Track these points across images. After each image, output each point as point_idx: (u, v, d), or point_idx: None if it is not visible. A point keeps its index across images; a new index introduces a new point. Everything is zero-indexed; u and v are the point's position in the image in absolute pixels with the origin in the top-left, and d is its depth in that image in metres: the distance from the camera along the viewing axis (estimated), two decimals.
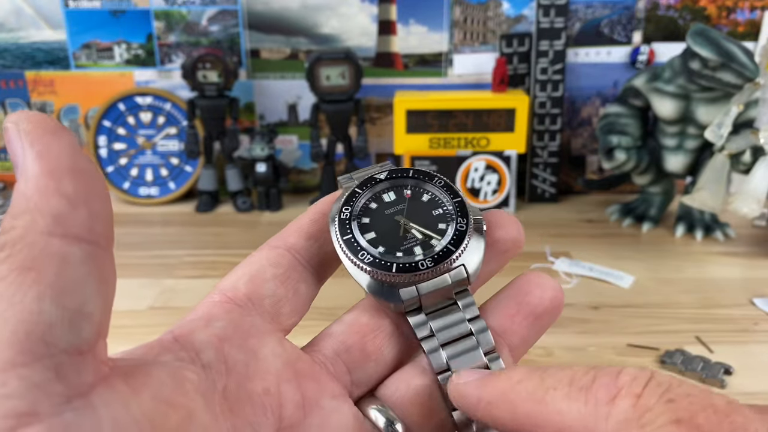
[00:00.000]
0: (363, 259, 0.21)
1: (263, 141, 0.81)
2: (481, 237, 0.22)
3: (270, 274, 0.22)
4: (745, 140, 0.65)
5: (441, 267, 0.21)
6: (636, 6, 0.82)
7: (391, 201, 0.23)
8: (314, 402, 0.20)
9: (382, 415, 0.21)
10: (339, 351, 0.22)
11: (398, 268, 0.21)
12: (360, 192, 0.23)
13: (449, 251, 0.21)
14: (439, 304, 0.22)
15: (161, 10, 0.83)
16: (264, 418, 0.19)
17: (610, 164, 0.75)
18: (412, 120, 0.78)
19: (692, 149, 0.72)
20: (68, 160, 0.15)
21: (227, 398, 0.19)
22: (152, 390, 0.16)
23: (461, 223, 0.22)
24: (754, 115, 0.66)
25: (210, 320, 0.20)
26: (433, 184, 0.24)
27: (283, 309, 0.22)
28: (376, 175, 0.24)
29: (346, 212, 0.23)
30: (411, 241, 0.22)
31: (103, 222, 0.16)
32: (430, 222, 0.23)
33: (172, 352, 0.19)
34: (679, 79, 0.68)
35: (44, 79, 0.86)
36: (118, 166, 0.87)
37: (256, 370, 0.20)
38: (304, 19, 0.83)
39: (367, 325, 0.22)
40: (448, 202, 0.23)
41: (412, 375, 0.22)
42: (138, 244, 0.74)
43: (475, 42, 0.84)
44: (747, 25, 0.82)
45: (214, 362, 0.19)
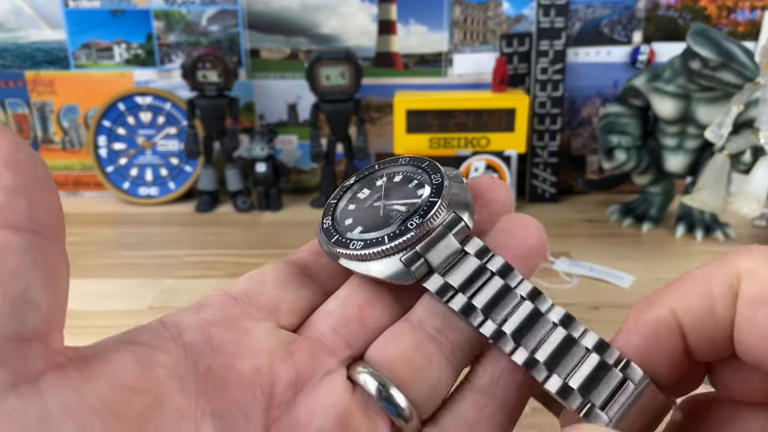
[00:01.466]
0: (356, 247, 0.21)
1: (263, 141, 0.81)
2: (463, 185, 0.22)
3: (270, 277, 0.21)
4: (745, 140, 0.65)
5: (430, 220, 0.20)
6: (636, 6, 0.82)
7: (366, 196, 0.23)
8: (308, 378, 0.19)
9: (374, 379, 0.20)
10: (337, 327, 0.21)
11: (390, 238, 0.21)
12: (334, 202, 0.23)
13: (432, 203, 0.21)
14: (450, 261, 0.20)
15: (161, 9, 0.83)
16: (252, 398, 0.18)
17: (610, 164, 0.75)
18: (412, 120, 0.78)
19: (692, 149, 0.72)
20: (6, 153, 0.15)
21: (211, 379, 0.18)
22: (110, 375, 0.16)
23: (436, 178, 0.22)
24: (755, 115, 0.65)
25: (200, 308, 0.20)
26: (398, 164, 0.24)
27: (282, 306, 0.21)
28: (346, 183, 0.24)
29: (327, 221, 0.23)
30: (396, 217, 0.22)
31: (46, 212, 0.15)
32: (408, 194, 0.22)
33: (153, 331, 0.18)
34: (680, 79, 0.68)
35: (44, 79, 0.86)
36: (117, 166, 0.87)
37: (246, 348, 0.19)
38: (304, 19, 0.83)
39: (363, 297, 0.21)
40: (418, 170, 0.23)
41: (401, 333, 0.20)
42: (138, 244, 0.74)
43: (475, 42, 0.84)
44: (747, 25, 0.82)
45: (198, 342, 0.18)
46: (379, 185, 0.23)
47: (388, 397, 0.19)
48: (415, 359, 0.20)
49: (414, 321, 0.21)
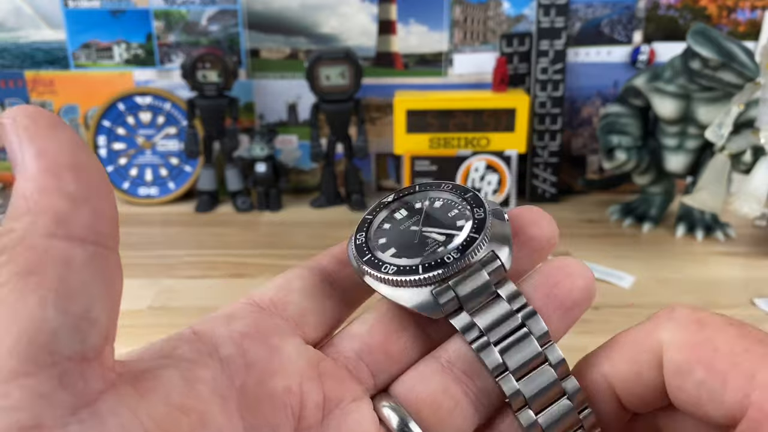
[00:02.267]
0: (387, 271, 0.20)
1: (263, 141, 0.81)
2: (504, 222, 0.21)
3: (296, 286, 0.21)
4: (745, 140, 0.65)
5: (469, 257, 0.20)
6: (636, 6, 0.82)
7: (403, 217, 0.23)
8: (335, 403, 0.19)
9: (395, 413, 0.20)
10: (361, 353, 0.21)
11: (425, 269, 0.20)
12: (371, 217, 0.23)
13: (472, 239, 0.20)
14: (479, 299, 0.20)
15: (161, 9, 0.83)
16: (284, 417, 0.18)
17: (610, 164, 0.75)
18: (412, 120, 0.78)
19: (693, 149, 0.72)
20: (69, 156, 0.14)
21: (245, 396, 0.18)
22: (162, 394, 0.16)
23: (478, 212, 0.21)
24: (755, 115, 0.65)
25: (232, 318, 0.20)
26: (441, 190, 0.23)
27: (308, 319, 0.21)
28: (383, 200, 0.23)
29: (360, 237, 0.22)
30: (433, 246, 0.21)
31: (107, 221, 0.15)
32: (447, 223, 0.22)
33: (189, 343, 0.18)
34: (680, 78, 0.68)
35: (44, 79, 0.86)
36: (117, 166, 0.87)
37: (278, 367, 0.19)
38: (304, 19, 0.83)
39: (389, 326, 0.21)
40: (460, 200, 0.22)
41: (430, 373, 0.20)
42: (137, 244, 0.74)
43: (475, 42, 0.84)
44: (747, 24, 0.82)
45: (234, 357, 0.18)
46: (418, 208, 0.23)
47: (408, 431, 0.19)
48: (442, 403, 0.20)
49: (443, 361, 0.20)
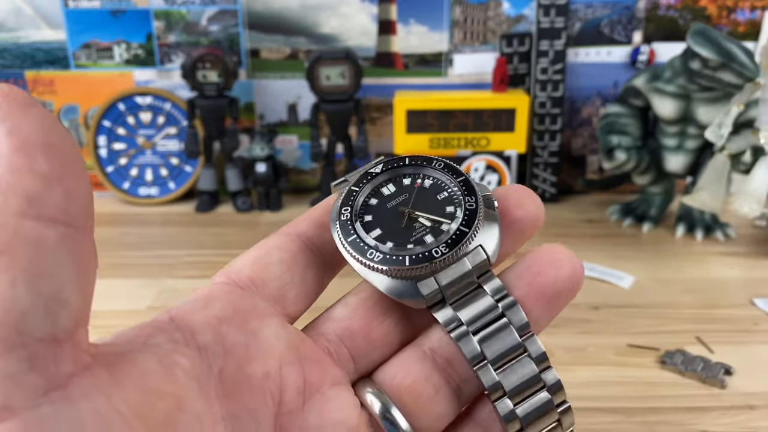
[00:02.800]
0: (372, 257, 0.20)
1: (263, 141, 0.81)
2: (494, 213, 0.21)
3: (276, 258, 0.21)
4: (745, 140, 0.65)
5: (457, 251, 0.20)
6: (636, 6, 0.82)
7: (391, 193, 0.22)
8: (315, 388, 0.19)
9: (378, 399, 0.20)
10: (343, 336, 0.21)
11: (412, 260, 0.20)
12: (357, 189, 0.22)
13: (462, 233, 0.20)
14: (462, 292, 0.20)
15: (161, 9, 0.83)
16: (263, 403, 0.18)
17: (610, 164, 0.75)
18: (412, 120, 0.78)
19: (692, 149, 0.72)
20: (41, 135, 0.14)
21: (224, 382, 0.18)
22: (137, 379, 0.15)
23: (470, 202, 0.21)
24: (755, 115, 0.65)
25: (209, 301, 0.19)
26: (432, 167, 0.22)
27: (289, 293, 0.21)
28: (371, 170, 0.23)
29: (346, 213, 0.21)
30: (420, 231, 0.21)
31: (80, 202, 0.14)
32: (436, 207, 0.21)
33: (165, 332, 0.18)
34: (680, 79, 0.68)
35: (44, 79, 0.86)
36: (117, 166, 0.87)
37: (256, 352, 0.19)
38: (304, 19, 0.83)
39: (372, 310, 0.21)
40: (452, 183, 0.22)
41: (412, 360, 0.20)
42: (137, 244, 0.74)
43: (475, 42, 0.84)
44: (747, 25, 0.82)
45: (211, 344, 0.18)
46: (407, 185, 0.22)
47: (392, 420, 0.20)
48: (423, 390, 0.20)
49: (425, 349, 0.21)
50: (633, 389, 0.46)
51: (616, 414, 0.43)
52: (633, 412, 0.43)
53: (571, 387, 0.46)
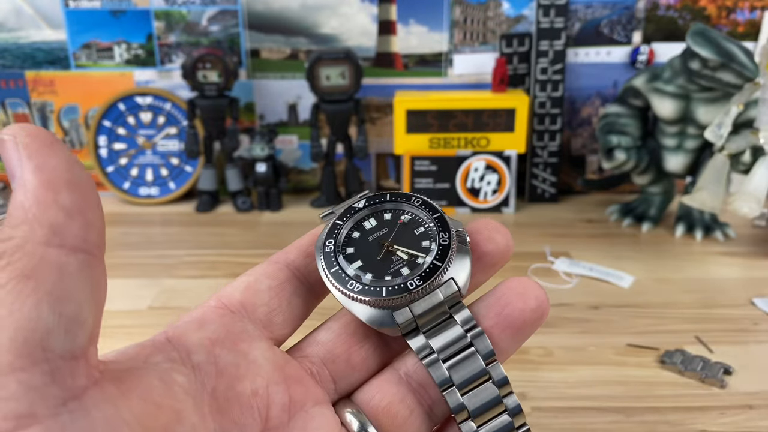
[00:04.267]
0: (352, 288, 0.22)
1: (263, 141, 0.81)
2: (465, 248, 0.23)
3: (265, 285, 0.23)
4: (745, 140, 0.65)
5: (431, 284, 0.22)
6: (636, 6, 0.82)
7: (372, 227, 0.24)
8: (300, 405, 0.21)
9: (356, 419, 0.22)
10: (325, 360, 0.22)
11: (388, 291, 0.22)
12: (341, 223, 0.24)
13: (435, 267, 0.22)
14: (434, 321, 0.22)
15: (161, 10, 0.83)
16: (251, 418, 0.20)
17: (610, 164, 0.75)
18: (412, 120, 0.78)
19: (692, 149, 0.72)
20: (65, 172, 0.16)
21: (216, 399, 0.19)
22: (141, 392, 0.17)
23: (443, 237, 0.23)
24: (754, 115, 0.66)
25: (203, 323, 0.21)
26: (410, 204, 0.24)
27: (276, 319, 0.22)
28: (355, 205, 0.25)
29: (330, 245, 0.23)
30: (397, 263, 0.23)
31: (96, 231, 0.16)
32: (413, 241, 0.23)
33: (163, 352, 0.19)
34: (679, 79, 0.68)
35: (44, 79, 0.86)
36: (118, 166, 0.87)
37: (246, 371, 0.20)
38: (304, 19, 0.83)
39: (353, 336, 0.23)
40: (428, 219, 0.24)
41: (388, 383, 0.22)
42: (138, 244, 0.74)
43: (475, 42, 0.84)
44: (747, 25, 0.82)
45: (205, 363, 0.20)
46: (387, 220, 0.24)
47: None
48: (398, 411, 0.22)
49: (401, 373, 0.22)
50: (632, 389, 0.46)
51: (615, 414, 0.43)
52: (633, 412, 0.43)
53: (571, 387, 0.46)
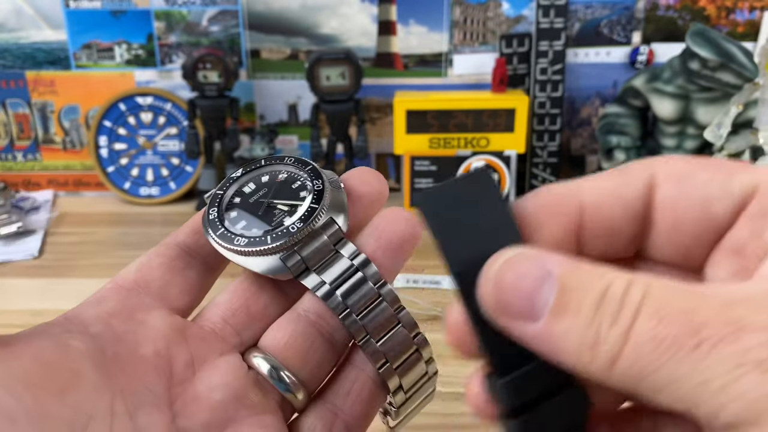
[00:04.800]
0: (240, 243, 0.23)
1: (263, 141, 0.81)
2: (340, 191, 0.24)
3: (156, 263, 0.24)
4: (744, 140, 0.65)
5: (310, 224, 0.23)
6: (635, 6, 0.82)
7: (252, 190, 0.25)
8: (203, 359, 0.22)
9: (266, 362, 0.23)
10: (226, 316, 0.23)
11: (273, 239, 0.23)
12: (221, 192, 0.25)
13: (313, 209, 0.23)
14: (322, 259, 0.23)
15: (162, 10, 0.83)
16: (155, 377, 0.21)
17: (609, 164, 0.75)
18: (412, 120, 0.78)
19: (692, 149, 0.72)
20: None
21: (118, 362, 0.20)
22: (33, 353, 0.18)
23: (317, 184, 0.24)
24: (754, 116, 0.66)
25: (99, 301, 0.22)
26: (284, 163, 0.26)
27: (171, 291, 0.23)
28: (233, 175, 0.26)
29: (213, 213, 0.25)
30: (280, 215, 0.24)
31: None
32: (291, 194, 0.25)
33: (60, 325, 0.20)
34: (679, 79, 0.69)
35: (45, 79, 0.86)
36: (118, 166, 0.87)
37: (144, 337, 0.21)
38: (304, 19, 0.84)
39: (249, 290, 0.24)
40: (302, 173, 0.25)
41: (287, 322, 0.23)
42: (138, 244, 0.74)
43: (475, 42, 0.84)
44: (746, 25, 0.82)
45: (103, 332, 0.20)
46: (265, 181, 0.26)
47: (279, 376, 0.23)
48: (301, 344, 0.23)
49: (300, 310, 0.24)
50: None
51: None
52: None
53: None
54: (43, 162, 0.90)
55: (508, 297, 0.15)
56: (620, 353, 0.14)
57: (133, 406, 0.19)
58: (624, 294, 0.14)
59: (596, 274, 0.15)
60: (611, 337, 0.14)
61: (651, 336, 0.13)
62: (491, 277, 0.16)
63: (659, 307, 0.14)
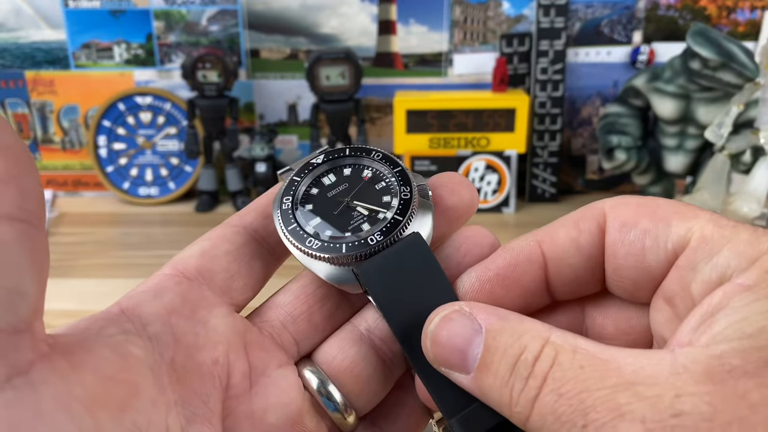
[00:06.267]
0: (311, 245, 0.21)
1: (263, 141, 0.81)
2: (428, 202, 0.22)
3: (222, 250, 0.22)
4: (745, 140, 0.65)
5: (391, 239, 0.21)
6: (636, 6, 0.82)
7: (331, 183, 0.23)
8: (261, 371, 0.21)
9: (315, 376, 0.21)
10: (285, 322, 0.22)
11: (348, 248, 0.21)
12: (299, 179, 0.23)
13: (397, 221, 0.21)
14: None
15: (161, 9, 0.83)
16: (212, 388, 0.19)
17: (610, 164, 0.75)
18: (412, 120, 0.78)
19: (692, 149, 0.72)
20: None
21: (175, 369, 0.19)
22: (93, 366, 0.16)
23: (405, 192, 0.22)
24: (755, 115, 0.65)
25: (159, 292, 0.20)
26: (371, 158, 0.23)
27: (235, 284, 0.21)
28: (313, 160, 0.23)
29: (287, 202, 0.22)
30: (358, 219, 0.22)
31: (34, 199, 0.15)
32: (374, 196, 0.22)
33: (117, 324, 0.18)
34: (680, 79, 0.68)
35: (44, 79, 0.86)
36: (118, 166, 0.87)
37: (205, 340, 0.20)
38: (304, 19, 0.83)
39: (313, 295, 0.22)
40: (389, 173, 0.23)
41: (350, 341, 0.22)
42: (138, 244, 0.74)
43: (475, 42, 0.84)
44: (747, 25, 0.82)
45: (162, 334, 0.19)
46: (346, 175, 0.23)
47: (327, 394, 0.21)
48: (362, 370, 0.21)
49: (362, 329, 0.22)
50: None
51: None
52: None
53: None
54: (43, 162, 0.90)
55: (444, 352, 0.18)
56: (529, 416, 0.16)
57: (186, 420, 0.18)
58: (534, 361, 0.16)
59: (516, 333, 0.17)
60: (521, 402, 0.16)
61: (551, 410, 0.16)
62: (428, 335, 0.18)
63: (561, 384, 0.16)
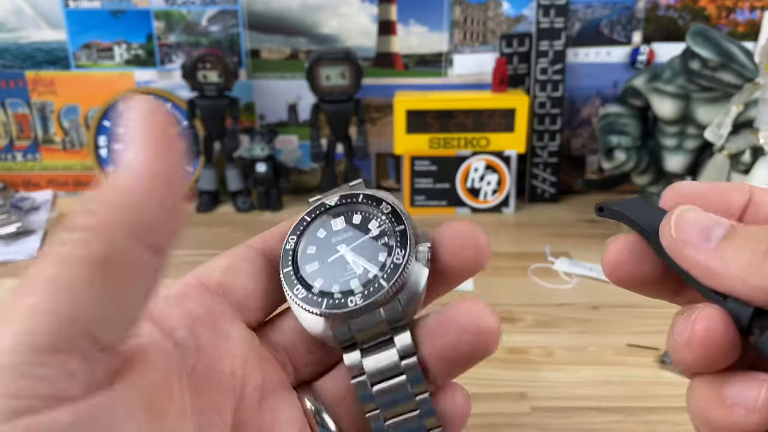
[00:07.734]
0: (297, 293, 0.21)
1: (263, 141, 0.81)
2: (424, 268, 0.21)
3: (244, 269, 0.22)
4: (744, 140, 0.65)
5: (371, 304, 0.20)
6: (636, 6, 0.82)
7: (339, 229, 0.23)
8: (271, 388, 0.21)
9: (312, 405, 0.22)
10: (288, 349, 0.22)
11: (328, 305, 0.21)
12: (308, 219, 0.23)
13: (380, 287, 0.21)
14: (373, 340, 0.21)
15: (161, 10, 0.83)
16: (227, 398, 0.20)
17: (610, 164, 0.75)
18: (412, 120, 0.78)
19: (692, 149, 0.72)
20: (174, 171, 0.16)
21: (194, 377, 0.19)
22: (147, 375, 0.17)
23: (398, 255, 0.21)
24: (754, 115, 0.66)
25: (184, 299, 0.21)
26: (380, 209, 0.23)
27: (251, 303, 0.22)
28: (327, 201, 0.23)
29: (291, 241, 0.23)
30: (350, 274, 0.21)
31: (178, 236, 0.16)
32: (371, 252, 0.22)
33: (153, 323, 0.19)
34: (679, 79, 0.69)
35: (44, 79, 0.86)
36: None
37: (225, 351, 0.20)
38: (304, 19, 0.83)
39: None
40: (391, 231, 0.22)
41: (344, 377, 0.22)
42: None
43: (475, 42, 0.84)
44: (747, 25, 0.82)
45: (187, 340, 0.20)
46: (355, 223, 0.23)
47: (322, 421, 0.22)
48: (353, 403, 0.22)
49: None
50: (632, 389, 0.46)
51: (616, 413, 0.43)
52: (633, 412, 0.43)
53: (571, 387, 0.46)
54: (43, 162, 0.90)
55: (688, 228, 0.19)
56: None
57: (200, 429, 0.19)
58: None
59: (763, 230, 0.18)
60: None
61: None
62: (673, 217, 0.20)
63: None
